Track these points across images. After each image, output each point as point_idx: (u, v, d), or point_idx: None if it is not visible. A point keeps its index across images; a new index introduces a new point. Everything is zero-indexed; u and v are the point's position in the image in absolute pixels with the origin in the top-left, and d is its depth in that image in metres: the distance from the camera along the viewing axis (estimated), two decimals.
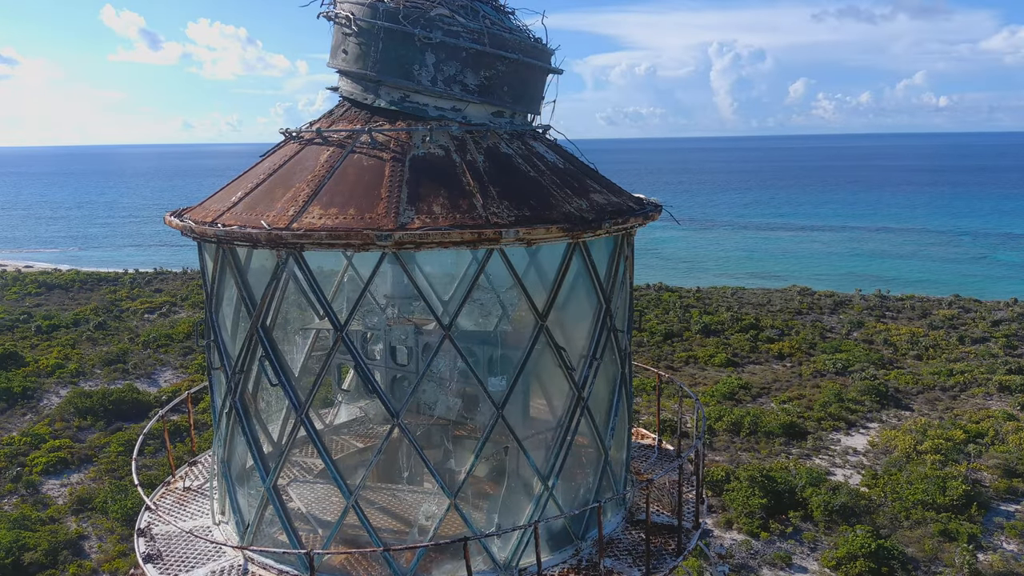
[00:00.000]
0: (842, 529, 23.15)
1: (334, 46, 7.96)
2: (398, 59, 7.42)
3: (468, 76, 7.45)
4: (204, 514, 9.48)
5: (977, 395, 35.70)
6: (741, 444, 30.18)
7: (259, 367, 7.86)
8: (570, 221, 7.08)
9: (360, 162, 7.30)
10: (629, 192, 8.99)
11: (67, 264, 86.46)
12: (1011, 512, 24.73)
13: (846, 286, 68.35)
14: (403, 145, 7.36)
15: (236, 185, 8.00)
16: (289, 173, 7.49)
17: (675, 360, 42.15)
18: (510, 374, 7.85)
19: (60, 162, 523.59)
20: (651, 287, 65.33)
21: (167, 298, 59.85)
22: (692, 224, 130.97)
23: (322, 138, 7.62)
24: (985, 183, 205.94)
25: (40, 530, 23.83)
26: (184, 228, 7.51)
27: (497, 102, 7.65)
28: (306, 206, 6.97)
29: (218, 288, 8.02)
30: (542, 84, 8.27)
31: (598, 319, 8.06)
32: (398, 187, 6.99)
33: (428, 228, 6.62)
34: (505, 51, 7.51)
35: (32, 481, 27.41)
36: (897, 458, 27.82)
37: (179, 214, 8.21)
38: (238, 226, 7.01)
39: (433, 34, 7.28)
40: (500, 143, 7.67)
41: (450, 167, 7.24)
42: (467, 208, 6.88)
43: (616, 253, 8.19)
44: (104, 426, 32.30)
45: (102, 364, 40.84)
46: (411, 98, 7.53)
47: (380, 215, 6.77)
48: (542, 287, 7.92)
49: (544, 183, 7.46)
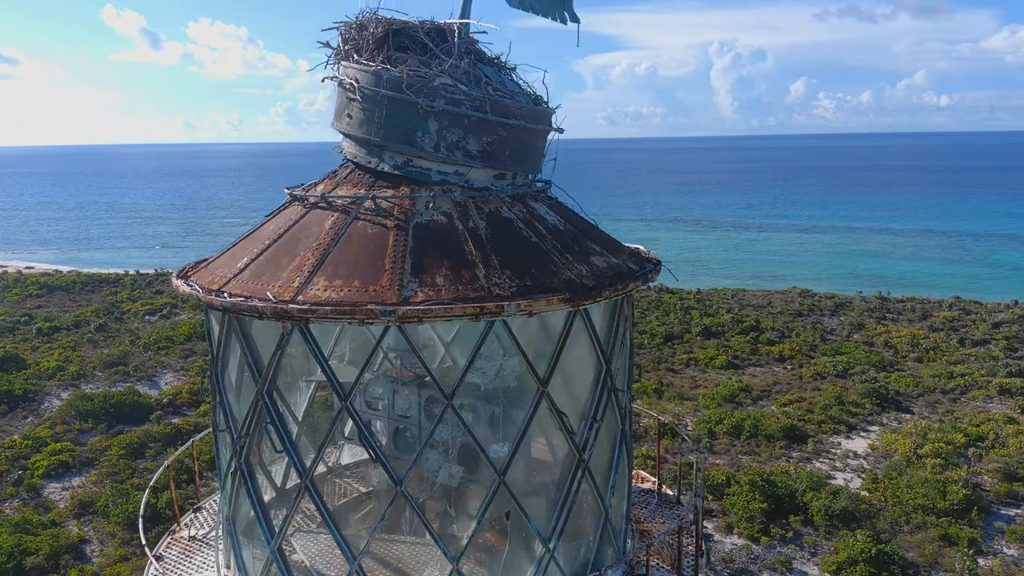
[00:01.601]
0: (842, 534, 23.16)
1: (338, 108, 8.03)
2: (401, 126, 7.50)
3: (470, 142, 7.53)
4: (210, 567, 9.48)
5: (977, 398, 35.71)
6: (742, 447, 30.20)
7: (264, 432, 7.97)
8: (571, 290, 7.15)
9: (364, 230, 7.36)
10: (628, 247, 9.00)
11: (68, 265, 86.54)
12: (1011, 516, 24.74)
13: (846, 287, 68.38)
14: (406, 212, 7.43)
15: (242, 247, 8.03)
16: (294, 239, 7.55)
17: (675, 363, 42.17)
18: (511, 440, 7.90)
19: (61, 162, 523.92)
20: (651, 288, 65.34)
21: (168, 300, 59.87)
22: (694, 225, 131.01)
23: (327, 203, 7.68)
24: (986, 183, 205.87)
25: (42, 534, 23.86)
26: (191, 295, 7.61)
27: (499, 166, 7.74)
28: (311, 276, 7.03)
29: (223, 351, 8.09)
30: (543, 144, 8.35)
31: (599, 380, 8.10)
32: (401, 257, 7.05)
33: (431, 303, 6.68)
34: (507, 118, 7.61)
35: (33, 484, 27.44)
36: (897, 462, 27.84)
37: (185, 275, 8.27)
38: (244, 298, 7.08)
39: (436, 102, 7.36)
40: (502, 207, 7.74)
41: (452, 235, 7.31)
42: (469, 279, 6.95)
43: (616, 314, 8.24)
44: (105, 429, 32.34)
45: (103, 366, 40.88)
46: (414, 163, 7.61)
47: (384, 288, 6.84)
48: (543, 350, 7.99)
49: (545, 248, 7.52)
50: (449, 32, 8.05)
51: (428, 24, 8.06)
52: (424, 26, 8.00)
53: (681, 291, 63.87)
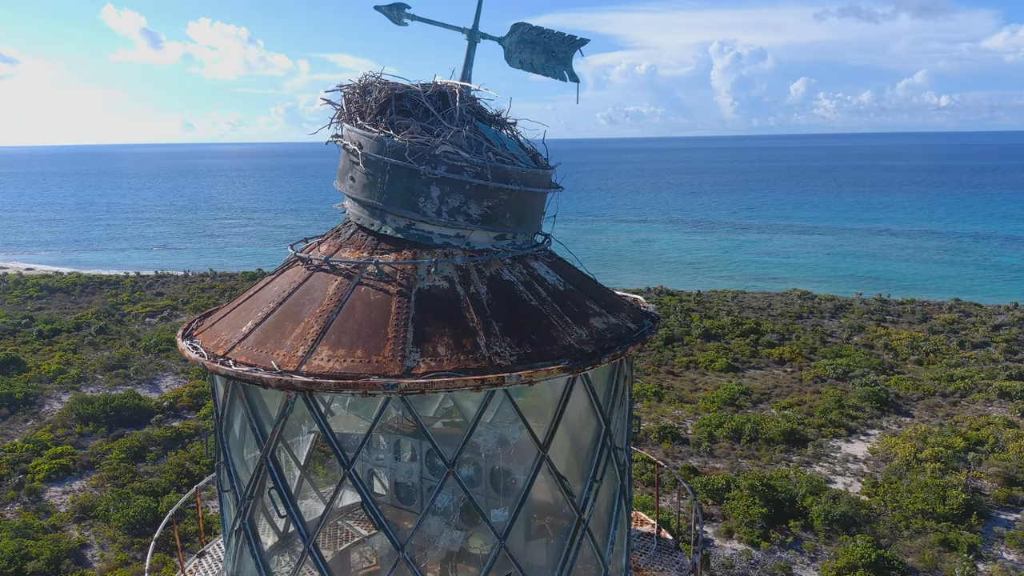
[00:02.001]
0: (842, 539, 23.21)
1: (342, 170, 8.12)
2: (404, 192, 7.61)
3: (471, 207, 7.63)
4: None
5: (977, 401, 35.74)
6: (742, 451, 30.23)
7: (268, 496, 8.05)
8: (571, 356, 7.22)
9: (367, 296, 7.44)
10: (627, 299, 9.06)
11: (68, 267, 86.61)
12: (1011, 521, 24.78)
13: (847, 289, 68.45)
14: (409, 277, 7.51)
15: (247, 308, 8.07)
16: (299, 304, 7.62)
17: (676, 365, 42.20)
18: (512, 502, 7.96)
19: (61, 162, 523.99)
20: (651, 290, 65.38)
21: (168, 302, 59.96)
22: (694, 226, 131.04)
23: (330, 266, 7.77)
24: (986, 184, 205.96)
25: (42, 539, 23.89)
26: (196, 360, 7.68)
27: (500, 228, 7.85)
28: (315, 345, 7.10)
29: (228, 412, 8.16)
30: (543, 203, 8.46)
31: (598, 440, 8.16)
32: (404, 326, 7.12)
33: (433, 374, 6.77)
34: (507, 183, 7.72)
35: (34, 488, 27.47)
36: (897, 466, 27.87)
37: (190, 334, 8.29)
38: (249, 366, 7.16)
39: (438, 170, 7.47)
40: (503, 270, 7.82)
41: (454, 301, 7.38)
42: (471, 348, 7.02)
43: (615, 374, 8.32)
44: (106, 432, 32.37)
45: (103, 369, 40.93)
46: (416, 226, 7.71)
47: (387, 358, 6.91)
48: (543, 410, 8.07)
49: (545, 312, 7.59)
50: (451, 96, 8.12)
51: (430, 87, 8.15)
52: (426, 90, 8.10)
53: (681, 293, 63.97)
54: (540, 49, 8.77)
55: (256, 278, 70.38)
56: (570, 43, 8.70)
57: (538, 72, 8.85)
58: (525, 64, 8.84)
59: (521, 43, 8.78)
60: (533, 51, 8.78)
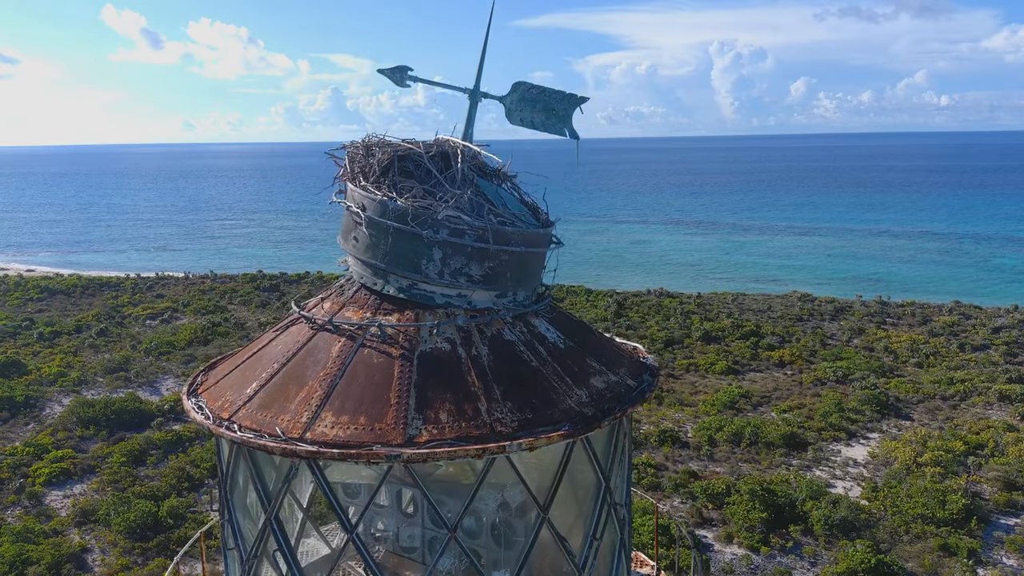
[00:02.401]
0: (842, 544, 23.22)
1: (345, 228, 8.22)
2: (407, 254, 7.71)
3: (473, 268, 7.74)
4: None
5: (977, 404, 35.77)
6: (742, 455, 30.26)
7: (272, 557, 8.09)
8: (571, 421, 7.30)
9: (370, 359, 7.50)
10: (625, 350, 9.12)
11: (69, 268, 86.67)
12: (1011, 526, 24.80)
13: (847, 291, 68.47)
14: (411, 340, 7.57)
15: (251, 367, 8.12)
16: (303, 365, 7.69)
17: (676, 368, 42.24)
18: (512, 564, 8.03)
19: (61, 162, 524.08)
20: (652, 292, 65.44)
21: (169, 304, 60.00)
22: (695, 227, 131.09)
23: (333, 326, 7.85)
24: (988, 184, 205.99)
25: (43, 543, 23.92)
26: (202, 423, 7.75)
27: (501, 287, 7.95)
28: (319, 411, 7.17)
29: (232, 471, 8.23)
30: (544, 260, 8.58)
31: (598, 497, 8.22)
32: (406, 391, 7.19)
33: (435, 443, 6.85)
34: (508, 245, 7.84)
35: (35, 492, 27.52)
36: (897, 470, 27.90)
37: (195, 391, 8.32)
38: (254, 432, 7.24)
39: (440, 233, 7.58)
40: (504, 329, 7.90)
41: (455, 364, 7.45)
42: (472, 414, 7.08)
43: (615, 431, 8.39)
44: (106, 436, 32.41)
45: (104, 372, 40.96)
46: (419, 286, 7.80)
47: (389, 426, 6.98)
48: (544, 469, 8.14)
49: (545, 373, 7.67)
50: (453, 156, 8.22)
51: (433, 147, 8.25)
52: (429, 151, 8.20)
53: (682, 295, 64.00)
54: (540, 107, 8.89)
55: (256, 279, 70.42)
56: (570, 101, 8.81)
57: (539, 129, 8.98)
58: (526, 122, 8.97)
59: (522, 101, 8.92)
60: (534, 109, 8.90)
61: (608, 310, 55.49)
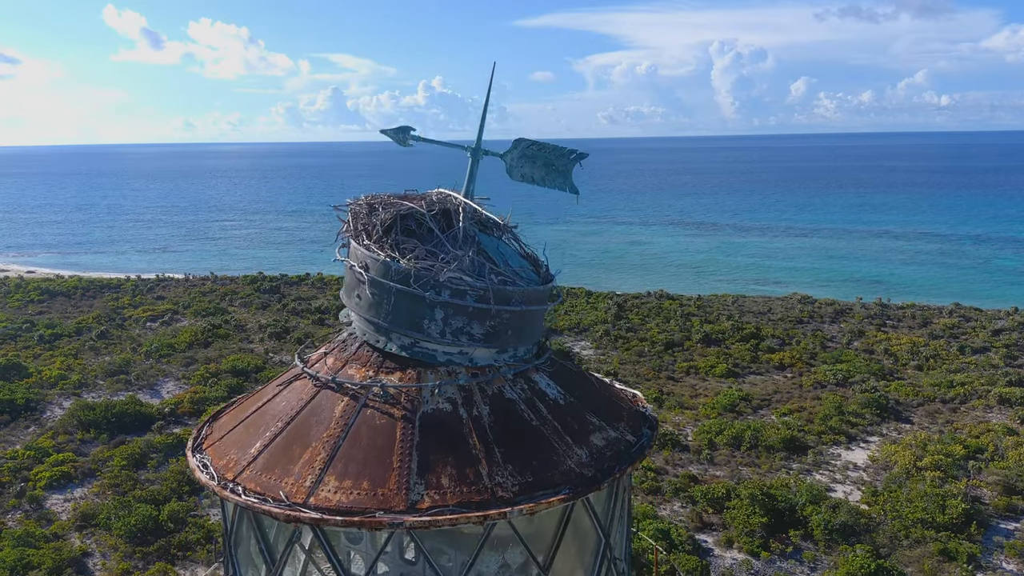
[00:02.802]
0: (842, 548, 23.25)
1: (348, 285, 8.31)
2: (409, 314, 7.81)
3: (474, 327, 7.84)
4: None
5: (977, 407, 35.79)
6: (742, 459, 30.28)
7: None
8: (571, 483, 7.40)
9: (373, 420, 7.59)
10: (625, 399, 9.14)
11: (69, 270, 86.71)
12: (1010, 531, 24.81)
13: (847, 293, 68.51)
14: (413, 400, 7.65)
15: (255, 424, 8.19)
16: (306, 425, 7.78)
17: (676, 371, 42.27)
18: None
19: (62, 162, 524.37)
20: (652, 294, 65.47)
21: (169, 306, 60.03)
22: (695, 228, 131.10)
23: (337, 384, 7.94)
24: (988, 184, 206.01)
25: (44, 547, 23.95)
26: (207, 484, 7.83)
27: (501, 344, 8.06)
28: (322, 475, 7.26)
29: (236, 528, 8.30)
30: (544, 315, 8.69)
31: (598, 552, 8.27)
32: (408, 455, 7.28)
33: (437, 509, 6.95)
34: (509, 305, 7.93)
35: (36, 496, 27.55)
36: (897, 474, 27.92)
37: (200, 447, 8.36)
38: (258, 496, 7.33)
39: (442, 295, 7.69)
40: (505, 387, 7.97)
41: (457, 426, 7.54)
42: (474, 478, 7.17)
43: (615, 487, 8.45)
44: (107, 439, 32.44)
45: (105, 375, 41.00)
46: (421, 345, 7.90)
47: (391, 491, 7.07)
48: (544, 528, 8.19)
49: (546, 433, 7.75)
50: (455, 214, 8.33)
51: (435, 206, 8.36)
52: (431, 209, 8.30)
53: (682, 297, 64.01)
54: (540, 163, 8.99)
55: (257, 281, 70.45)
56: (569, 157, 8.91)
57: (539, 184, 9.07)
58: (526, 178, 9.07)
59: (522, 158, 9.03)
60: (534, 165, 9.00)
61: (608, 312, 55.52)
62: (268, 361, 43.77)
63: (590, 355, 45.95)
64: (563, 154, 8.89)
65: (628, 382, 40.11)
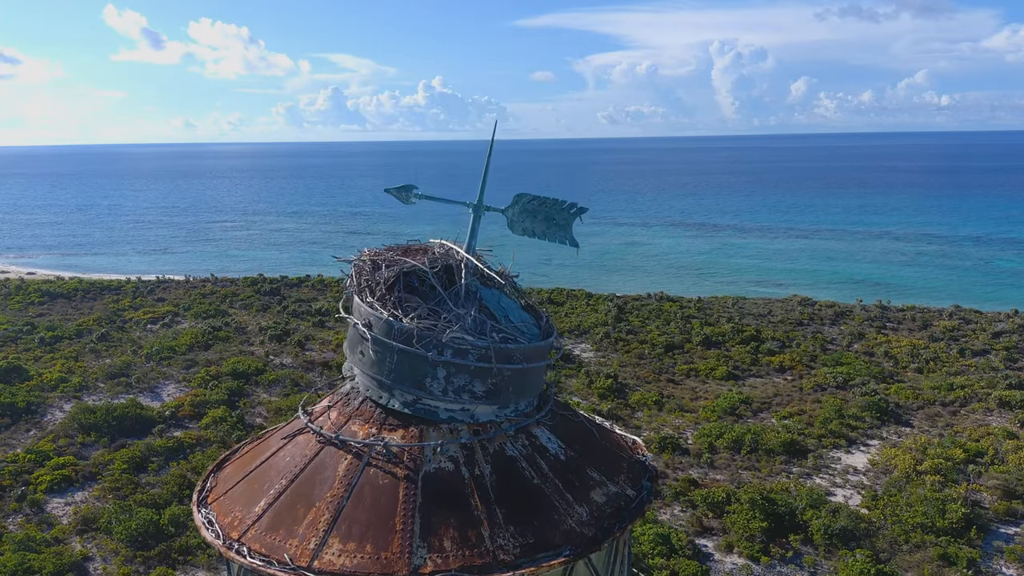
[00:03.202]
0: (842, 553, 23.27)
1: (351, 340, 8.38)
2: (411, 371, 7.90)
3: (476, 385, 7.93)
4: None
5: (977, 410, 35.81)
6: (742, 462, 30.29)
7: None
8: (572, 543, 7.47)
9: (376, 480, 7.68)
10: (624, 445, 9.20)
11: (69, 271, 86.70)
12: (1010, 535, 24.83)
13: (847, 295, 68.52)
14: (415, 459, 7.74)
15: (259, 480, 8.25)
16: (310, 484, 7.88)
17: (676, 373, 42.29)
18: None
19: (63, 162, 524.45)
20: (652, 296, 65.49)
21: (169, 308, 60.06)
22: (696, 229, 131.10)
23: (340, 442, 8.04)
24: (989, 185, 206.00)
25: (45, 552, 23.98)
26: (212, 543, 7.90)
27: (503, 400, 8.15)
28: (326, 537, 7.33)
29: None
30: (545, 370, 8.77)
31: None
32: (411, 517, 7.35)
33: (440, 574, 7.01)
34: (510, 363, 8.03)
35: (36, 500, 27.58)
36: (897, 478, 27.94)
37: (205, 502, 8.43)
38: (263, 559, 7.40)
39: (444, 354, 7.78)
40: (506, 444, 8.07)
41: (459, 485, 7.63)
42: (475, 541, 7.24)
43: (615, 542, 8.48)
44: (108, 442, 32.47)
45: (105, 377, 41.02)
46: (423, 402, 7.98)
47: (395, 555, 7.13)
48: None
49: (547, 491, 7.85)
50: (456, 271, 8.45)
51: (437, 262, 8.46)
52: (433, 267, 8.40)
53: (682, 299, 64.03)
54: (541, 218, 9.11)
55: (257, 283, 70.48)
56: (569, 211, 9.03)
57: (540, 238, 9.20)
58: (527, 232, 9.20)
59: (523, 213, 9.15)
60: (535, 220, 9.12)
61: (608, 314, 55.54)
62: (268, 364, 43.80)
63: (590, 357, 45.98)
64: (563, 208, 9.03)
65: (628, 385, 40.16)
